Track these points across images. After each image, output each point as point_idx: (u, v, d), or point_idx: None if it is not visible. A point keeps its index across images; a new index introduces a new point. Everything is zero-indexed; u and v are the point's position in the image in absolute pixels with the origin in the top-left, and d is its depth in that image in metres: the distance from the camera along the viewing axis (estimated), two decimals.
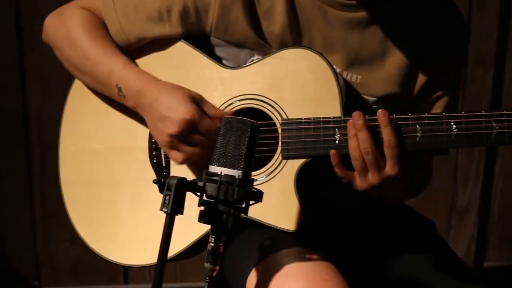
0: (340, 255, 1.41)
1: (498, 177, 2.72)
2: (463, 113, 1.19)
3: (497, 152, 2.68)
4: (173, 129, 1.27)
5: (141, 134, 1.39)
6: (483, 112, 1.19)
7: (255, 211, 1.27)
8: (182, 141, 1.28)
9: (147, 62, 1.39)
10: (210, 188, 1.07)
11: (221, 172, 1.07)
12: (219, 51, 1.38)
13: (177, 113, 1.27)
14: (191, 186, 1.06)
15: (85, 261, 2.52)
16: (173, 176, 1.05)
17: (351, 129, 1.21)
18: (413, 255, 1.43)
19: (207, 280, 1.10)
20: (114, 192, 1.42)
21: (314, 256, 1.20)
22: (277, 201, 1.27)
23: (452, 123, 1.19)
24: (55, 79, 2.23)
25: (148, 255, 1.37)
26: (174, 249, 1.35)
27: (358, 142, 1.21)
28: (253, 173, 1.30)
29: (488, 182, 2.70)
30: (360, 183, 1.24)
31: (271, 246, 1.24)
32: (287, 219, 1.26)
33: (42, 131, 2.38)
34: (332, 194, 1.41)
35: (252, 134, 1.10)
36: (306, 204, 1.29)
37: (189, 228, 1.23)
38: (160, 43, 1.38)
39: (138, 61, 1.40)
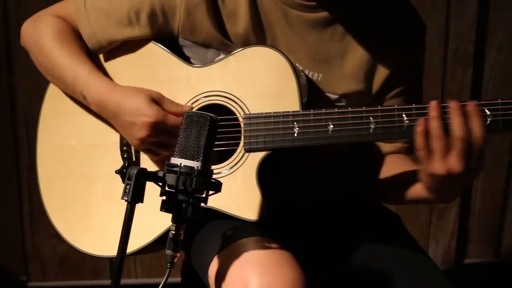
0: (304, 245, 1.47)
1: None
2: (413, 105, 1.24)
3: None
4: (142, 133, 1.34)
5: (112, 131, 1.45)
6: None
7: (220, 202, 1.33)
8: (154, 142, 1.36)
9: (119, 63, 1.45)
10: (170, 178, 1.12)
11: (180, 164, 1.13)
12: (187, 51, 1.43)
13: (141, 117, 1.33)
14: (151, 176, 1.12)
15: (71, 257, 2.57)
16: (133, 167, 1.11)
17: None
18: (376, 245, 1.47)
19: (168, 266, 1.16)
20: (88, 186, 1.47)
21: (273, 245, 1.25)
22: (240, 192, 1.33)
23: (404, 115, 1.25)
24: (43, 78, 2.29)
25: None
26: (145, 239, 1.41)
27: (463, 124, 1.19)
28: (217, 166, 1.35)
29: None
30: (439, 165, 1.21)
31: (233, 235, 1.29)
32: (250, 209, 1.31)
33: (30, 129, 2.43)
34: (297, 185, 1.46)
35: (211, 127, 1.15)
36: (269, 195, 1.34)
37: (160, 219, 1.28)
38: (131, 45, 1.44)
39: (110, 62, 1.46)
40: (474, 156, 1.20)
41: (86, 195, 1.47)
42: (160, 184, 1.13)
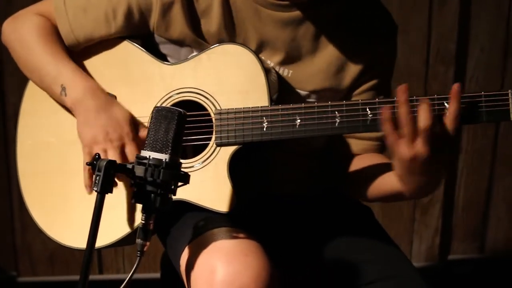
0: (277, 238, 1.52)
1: (461, 172, 2.80)
2: (377, 100, 1.29)
3: (460, 148, 2.77)
4: (103, 143, 1.41)
5: None
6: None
7: (193, 195, 1.38)
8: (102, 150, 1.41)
9: (95, 60, 1.50)
10: (139, 170, 1.17)
11: (149, 156, 1.18)
12: (163, 49, 1.48)
13: (117, 128, 1.40)
14: (120, 168, 1.17)
15: (61, 252, 2.61)
16: (103, 159, 1.16)
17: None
18: (347, 237, 1.52)
19: (138, 255, 1.21)
20: (67, 181, 1.51)
21: (241, 235, 1.30)
22: (211, 185, 1.37)
23: (368, 109, 1.29)
24: None
25: (100, 238, 1.47)
26: (124, 230, 1.45)
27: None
28: (190, 160, 1.40)
29: (451, 176, 2.79)
30: (406, 149, 1.25)
31: (204, 226, 1.34)
32: (221, 201, 1.36)
33: None
34: (272, 178, 1.51)
35: (179, 121, 1.20)
36: (242, 189, 1.39)
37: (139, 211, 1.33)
38: (107, 43, 1.49)
39: (87, 59, 1.51)
40: (441, 142, 1.24)
41: (65, 190, 1.51)
42: (131, 175, 1.18)
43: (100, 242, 1.46)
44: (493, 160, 2.80)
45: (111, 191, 1.16)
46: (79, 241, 1.51)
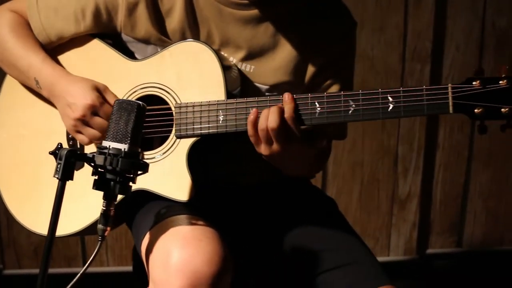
0: (238, 226, 1.58)
1: (438, 168, 2.86)
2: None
3: (437, 144, 2.84)
4: (77, 113, 1.45)
5: (59, 120, 1.56)
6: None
7: (154, 185, 1.45)
8: (86, 124, 1.46)
9: (67, 56, 1.58)
10: (99, 159, 1.23)
11: (109, 146, 1.24)
12: (130, 47, 1.55)
13: (80, 99, 1.45)
14: (81, 157, 1.23)
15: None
16: (64, 148, 1.22)
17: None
18: (308, 227, 1.59)
19: (99, 239, 1.27)
20: (39, 172, 1.58)
21: (199, 222, 1.37)
22: (171, 175, 1.44)
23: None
24: None
25: (68, 226, 1.54)
26: (88, 219, 1.52)
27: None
28: (152, 151, 1.47)
29: (429, 172, 2.85)
30: (261, 148, 1.40)
31: (165, 214, 1.41)
32: (180, 191, 1.43)
33: None
34: (233, 170, 1.57)
35: (138, 113, 1.26)
36: (201, 179, 1.45)
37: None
38: (79, 42, 1.56)
39: (60, 56, 1.58)
40: (289, 139, 1.37)
41: (37, 180, 1.58)
42: (92, 164, 1.25)
43: (68, 229, 1.53)
44: (470, 156, 2.86)
45: (71, 178, 1.22)
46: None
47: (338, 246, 1.55)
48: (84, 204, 1.48)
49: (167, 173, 1.44)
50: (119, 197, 1.37)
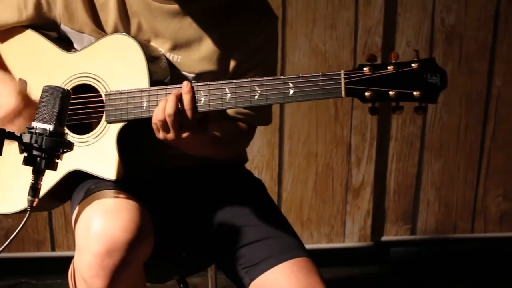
0: (172, 204, 1.72)
1: (392, 158, 2.99)
2: (234, 81, 1.49)
3: (390, 135, 2.97)
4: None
5: None
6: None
7: (88, 166, 1.59)
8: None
9: (7, 50, 1.70)
10: (26, 137, 1.38)
11: (36, 126, 1.39)
12: (70, 37, 1.69)
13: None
14: (9, 135, 1.38)
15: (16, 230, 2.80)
16: None
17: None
18: (235, 206, 1.73)
19: (28, 209, 1.42)
20: None
21: (121, 195, 1.51)
22: (102, 157, 1.58)
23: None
24: None
25: (13, 204, 1.67)
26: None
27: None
28: (85, 135, 1.61)
29: (382, 162, 2.98)
30: (158, 134, 1.53)
31: (93, 189, 1.55)
32: (110, 171, 1.57)
33: None
34: (164, 153, 1.70)
35: (63, 97, 1.41)
36: (132, 160, 1.60)
37: (46, 178, 1.52)
38: (19, 35, 1.68)
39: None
40: (185, 125, 1.49)
41: None
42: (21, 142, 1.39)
43: (13, 207, 1.67)
44: (422, 147, 2.99)
45: (0, 154, 1.37)
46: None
47: (260, 222, 1.69)
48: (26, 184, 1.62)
49: (98, 154, 1.58)
50: (58, 176, 1.52)
